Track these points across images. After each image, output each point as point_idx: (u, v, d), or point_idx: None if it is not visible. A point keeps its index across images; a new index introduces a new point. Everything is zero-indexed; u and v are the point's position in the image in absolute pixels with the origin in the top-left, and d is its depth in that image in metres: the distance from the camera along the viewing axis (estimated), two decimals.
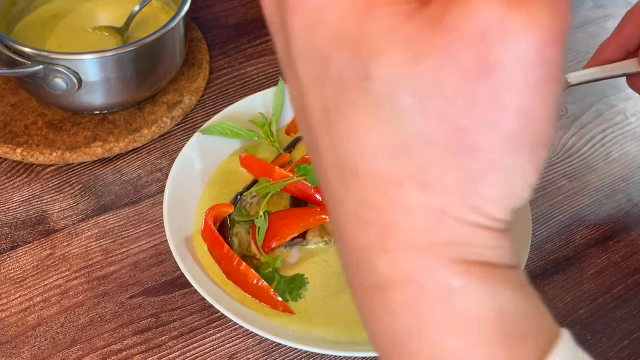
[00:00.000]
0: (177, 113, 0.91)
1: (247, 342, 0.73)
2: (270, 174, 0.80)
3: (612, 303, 0.77)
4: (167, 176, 0.79)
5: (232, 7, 1.10)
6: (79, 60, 0.82)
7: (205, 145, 0.83)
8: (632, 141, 0.94)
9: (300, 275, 0.74)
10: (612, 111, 0.98)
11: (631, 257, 0.81)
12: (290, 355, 0.72)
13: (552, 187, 0.88)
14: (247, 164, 0.83)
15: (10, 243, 0.80)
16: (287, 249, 0.77)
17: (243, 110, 0.87)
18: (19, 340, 0.72)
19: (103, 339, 0.72)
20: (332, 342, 0.70)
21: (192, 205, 0.79)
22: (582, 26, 1.10)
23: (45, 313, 0.74)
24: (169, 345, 0.72)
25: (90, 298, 0.75)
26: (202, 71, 0.96)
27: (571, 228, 0.84)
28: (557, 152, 0.92)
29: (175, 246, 0.73)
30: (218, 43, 1.04)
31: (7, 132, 0.87)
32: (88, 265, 0.78)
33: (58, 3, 0.96)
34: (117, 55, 0.83)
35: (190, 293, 0.76)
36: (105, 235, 0.81)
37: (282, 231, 0.76)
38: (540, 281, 0.78)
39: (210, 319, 0.74)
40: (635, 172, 0.90)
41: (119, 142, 0.87)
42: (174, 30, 0.87)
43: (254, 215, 0.78)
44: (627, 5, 1.15)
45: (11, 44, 0.81)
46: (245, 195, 0.80)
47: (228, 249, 0.73)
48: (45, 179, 0.86)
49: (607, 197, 0.87)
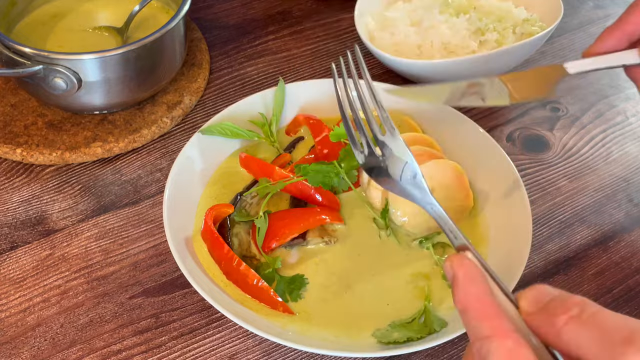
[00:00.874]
0: (176, 113, 0.91)
1: (246, 342, 0.73)
2: (270, 174, 0.80)
3: (613, 303, 0.77)
4: (166, 176, 0.79)
5: (232, 7, 1.10)
6: (78, 60, 0.82)
7: (205, 145, 0.83)
8: (632, 141, 0.94)
9: (300, 276, 0.74)
10: (612, 111, 0.98)
11: (631, 257, 0.81)
12: (290, 355, 0.72)
13: (552, 187, 0.88)
14: (247, 164, 0.83)
15: (9, 243, 0.80)
16: (287, 249, 0.77)
17: (243, 110, 0.87)
18: (19, 341, 0.72)
19: (102, 339, 0.72)
20: (332, 342, 0.70)
21: (191, 205, 0.79)
22: (583, 26, 1.10)
23: (45, 313, 0.74)
24: (168, 346, 0.72)
25: (89, 298, 0.75)
26: (202, 71, 0.96)
27: (571, 228, 0.84)
28: (557, 152, 0.92)
29: (175, 246, 0.73)
30: (218, 43, 1.04)
31: (7, 132, 0.87)
32: (87, 265, 0.78)
33: (57, 3, 0.97)
34: (116, 55, 0.83)
35: (190, 293, 0.76)
36: (104, 236, 0.81)
37: (282, 231, 0.76)
38: (541, 281, 0.78)
39: (210, 319, 0.74)
40: (635, 172, 0.90)
41: (119, 142, 0.87)
42: (174, 30, 0.87)
43: (254, 215, 0.78)
44: (627, 5, 1.15)
45: (11, 43, 0.81)
46: (245, 195, 0.80)
47: (228, 249, 0.73)
48: (44, 179, 0.86)
49: (607, 197, 0.87)
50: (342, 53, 1.03)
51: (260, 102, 0.88)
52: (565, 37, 1.08)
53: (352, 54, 0.76)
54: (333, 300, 0.73)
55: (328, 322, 0.72)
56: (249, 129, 0.85)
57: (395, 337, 0.69)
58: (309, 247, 0.77)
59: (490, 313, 0.47)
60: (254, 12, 1.09)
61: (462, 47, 0.93)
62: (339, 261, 0.76)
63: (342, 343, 0.70)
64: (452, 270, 0.50)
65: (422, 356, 0.72)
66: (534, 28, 0.95)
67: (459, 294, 0.49)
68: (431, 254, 0.76)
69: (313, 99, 0.90)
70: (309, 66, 1.01)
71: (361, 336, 0.70)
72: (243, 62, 1.01)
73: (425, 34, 0.94)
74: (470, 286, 0.49)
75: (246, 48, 1.03)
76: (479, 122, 0.89)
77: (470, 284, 0.49)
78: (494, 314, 0.47)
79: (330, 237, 0.77)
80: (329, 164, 0.80)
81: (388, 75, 1.00)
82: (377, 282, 0.75)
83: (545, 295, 0.47)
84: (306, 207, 0.79)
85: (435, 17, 0.94)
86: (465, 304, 0.48)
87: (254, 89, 0.97)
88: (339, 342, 0.70)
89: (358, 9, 0.97)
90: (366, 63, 1.02)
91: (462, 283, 0.49)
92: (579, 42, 1.07)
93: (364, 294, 0.74)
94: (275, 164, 0.83)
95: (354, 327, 0.71)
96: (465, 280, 0.49)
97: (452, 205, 0.78)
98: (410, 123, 0.87)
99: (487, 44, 0.94)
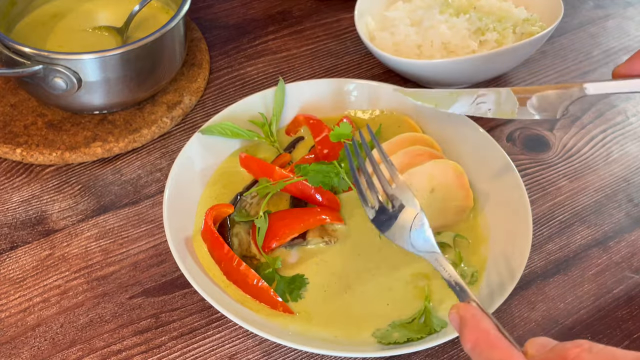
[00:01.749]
0: (176, 113, 0.91)
1: (246, 342, 0.73)
2: (270, 174, 0.80)
3: (613, 303, 0.77)
4: (166, 176, 0.79)
5: (232, 7, 1.10)
6: (78, 60, 0.81)
7: (205, 145, 0.83)
8: (632, 141, 0.94)
9: (300, 276, 0.74)
10: (613, 111, 0.97)
11: (631, 257, 0.81)
12: (290, 355, 0.72)
13: (552, 187, 0.88)
14: (247, 164, 0.83)
15: (9, 243, 0.79)
16: (287, 249, 0.77)
17: (243, 110, 0.87)
18: (19, 341, 0.72)
19: (102, 339, 0.72)
20: (332, 342, 0.70)
21: (191, 205, 0.79)
22: (582, 26, 1.10)
23: (45, 313, 0.74)
24: (168, 346, 0.72)
25: (89, 298, 0.75)
26: (202, 71, 0.96)
27: (571, 228, 0.84)
28: (557, 152, 0.92)
29: (175, 246, 0.73)
30: (218, 43, 1.04)
31: (7, 132, 0.87)
32: (87, 265, 0.78)
33: (57, 3, 0.97)
34: (116, 55, 0.83)
35: (190, 293, 0.76)
36: (104, 236, 0.81)
37: (282, 231, 0.76)
38: (541, 281, 0.78)
39: (210, 319, 0.74)
40: (635, 172, 0.90)
41: (119, 142, 0.87)
42: (174, 30, 0.87)
43: (254, 215, 0.78)
44: (627, 5, 1.15)
45: (11, 43, 0.81)
46: (245, 195, 0.80)
47: (228, 249, 0.73)
48: (44, 179, 0.85)
49: (608, 197, 0.87)
50: (342, 53, 1.03)
51: (260, 102, 0.88)
52: (566, 37, 1.08)
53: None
54: (333, 300, 0.73)
55: (328, 322, 0.72)
56: (249, 129, 0.85)
57: (395, 337, 0.69)
58: (309, 247, 0.77)
59: (500, 344, 0.50)
60: (254, 12, 1.09)
61: (462, 47, 0.93)
62: (339, 261, 0.76)
63: (342, 343, 0.70)
64: (458, 315, 0.53)
65: (422, 356, 0.72)
66: (534, 28, 0.95)
67: (467, 333, 0.52)
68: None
69: (313, 99, 0.90)
70: (308, 66, 1.01)
71: (361, 336, 0.70)
72: (243, 62, 1.01)
73: (425, 34, 0.94)
74: (479, 323, 0.52)
75: (246, 48, 1.03)
76: (479, 122, 0.88)
77: (478, 322, 0.52)
78: (505, 345, 0.50)
79: (330, 237, 0.77)
80: (329, 164, 0.80)
81: (388, 75, 1.00)
82: (377, 282, 0.75)
83: (550, 343, 0.51)
84: (306, 207, 0.79)
85: (435, 17, 0.94)
86: (475, 340, 0.51)
87: (254, 89, 0.97)
88: (339, 342, 0.70)
89: (358, 9, 0.97)
90: (366, 63, 1.02)
91: (471, 322, 0.52)
92: (579, 41, 1.07)
93: (364, 294, 0.74)
94: (275, 164, 0.83)
95: (354, 327, 0.71)
96: (474, 319, 0.52)
97: (452, 205, 0.78)
98: (410, 123, 0.87)
99: (487, 43, 0.94)
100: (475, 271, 0.75)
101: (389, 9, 1.00)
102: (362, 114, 0.90)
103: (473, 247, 0.77)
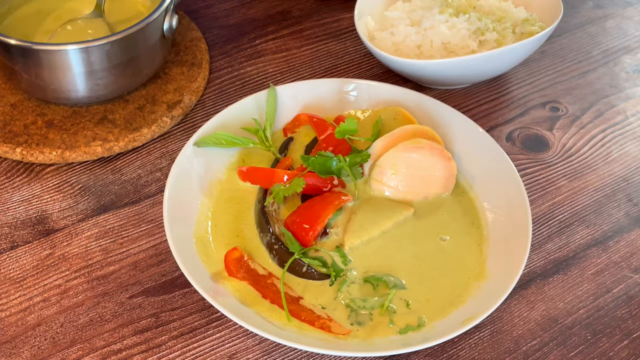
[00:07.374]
0: (176, 112, 0.91)
1: (246, 342, 0.73)
2: (279, 178, 0.79)
3: (612, 303, 0.77)
4: (166, 176, 0.79)
5: (232, 7, 1.10)
6: (62, 51, 0.81)
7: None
8: (632, 141, 0.94)
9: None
10: (612, 111, 0.98)
11: (630, 257, 0.81)
12: (289, 355, 0.72)
13: (552, 187, 0.88)
14: (249, 176, 0.82)
15: (9, 243, 0.80)
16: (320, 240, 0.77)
17: (235, 116, 0.86)
18: (19, 340, 0.72)
19: (102, 339, 0.72)
20: (332, 341, 0.70)
21: (192, 205, 0.79)
22: (582, 26, 1.10)
23: (45, 313, 0.74)
24: (168, 345, 0.72)
25: (89, 298, 0.75)
26: (202, 71, 0.96)
27: (571, 228, 0.84)
28: (556, 151, 0.92)
29: (175, 246, 0.73)
30: (218, 43, 1.04)
31: (7, 131, 0.87)
32: (87, 264, 0.78)
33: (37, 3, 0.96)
34: (99, 45, 0.82)
35: (189, 293, 0.76)
36: (104, 235, 0.81)
37: (317, 214, 0.76)
38: (541, 281, 0.78)
39: (210, 319, 0.74)
40: (635, 172, 0.90)
41: (119, 141, 0.87)
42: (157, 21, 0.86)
43: (283, 218, 0.78)
44: (627, 5, 1.15)
45: None
46: (266, 206, 0.79)
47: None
48: (44, 179, 0.86)
49: (607, 197, 0.87)
50: (342, 53, 1.03)
51: (254, 106, 0.87)
52: (565, 37, 1.08)
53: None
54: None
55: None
56: (242, 135, 0.85)
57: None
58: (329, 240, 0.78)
59: None
60: (254, 12, 1.10)
61: (462, 47, 0.93)
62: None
63: (342, 343, 0.70)
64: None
65: (422, 356, 0.72)
66: (534, 28, 0.95)
67: None
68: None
69: (312, 99, 0.90)
70: (308, 66, 1.01)
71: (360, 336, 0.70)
72: (243, 62, 1.01)
73: (425, 34, 0.94)
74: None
75: (246, 48, 1.03)
76: (479, 122, 0.89)
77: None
78: None
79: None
80: (329, 154, 0.80)
81: (388, 75, 1.00)
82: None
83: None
84: (322, 194, 0.79)
85: (435, 17, 0.94)
86: None
87: (253, 89, 0.97)
88: (338, 341, 0.70)
89: (358, 9, 0.97)
90: (366, 63, 1.02)
91: None
92: (579, 42, 1.07)
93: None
94: (279, 168, 0.82)
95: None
96: None
97: (435, 175, 0.80)
98: (405, 114, 0.86)
99: (487, 43, 0.94)
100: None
101: (388, 9, 1.00)
102: (362, 113, 0.90)
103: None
